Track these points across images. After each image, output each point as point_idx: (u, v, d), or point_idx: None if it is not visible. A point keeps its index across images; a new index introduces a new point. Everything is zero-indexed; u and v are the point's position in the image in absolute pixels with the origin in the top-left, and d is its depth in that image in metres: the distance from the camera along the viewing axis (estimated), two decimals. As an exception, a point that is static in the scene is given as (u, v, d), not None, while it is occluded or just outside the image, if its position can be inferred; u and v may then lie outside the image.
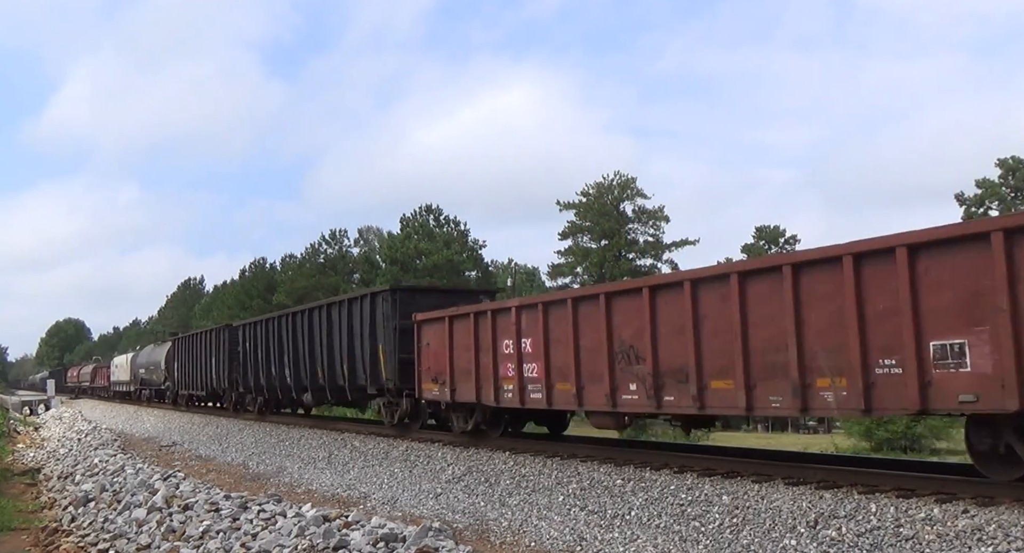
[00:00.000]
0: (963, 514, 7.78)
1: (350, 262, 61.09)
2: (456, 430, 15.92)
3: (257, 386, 25.92)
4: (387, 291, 17.89)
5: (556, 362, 12.67)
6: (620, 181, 57.38)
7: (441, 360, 15.45)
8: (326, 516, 10.79)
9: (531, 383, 13.25)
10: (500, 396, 13.93)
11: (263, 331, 25.31)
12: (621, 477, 11.38)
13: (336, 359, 19.90)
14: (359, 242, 64.53)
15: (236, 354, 27.75)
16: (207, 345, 30.81)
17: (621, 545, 9.29)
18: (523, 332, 13.39)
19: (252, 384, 26.33)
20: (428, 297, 18.02)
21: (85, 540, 11.86)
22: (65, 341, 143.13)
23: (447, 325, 15.26)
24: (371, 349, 18.01)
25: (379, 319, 17.86)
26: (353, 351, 19.01)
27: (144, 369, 44.18)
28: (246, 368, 26.71)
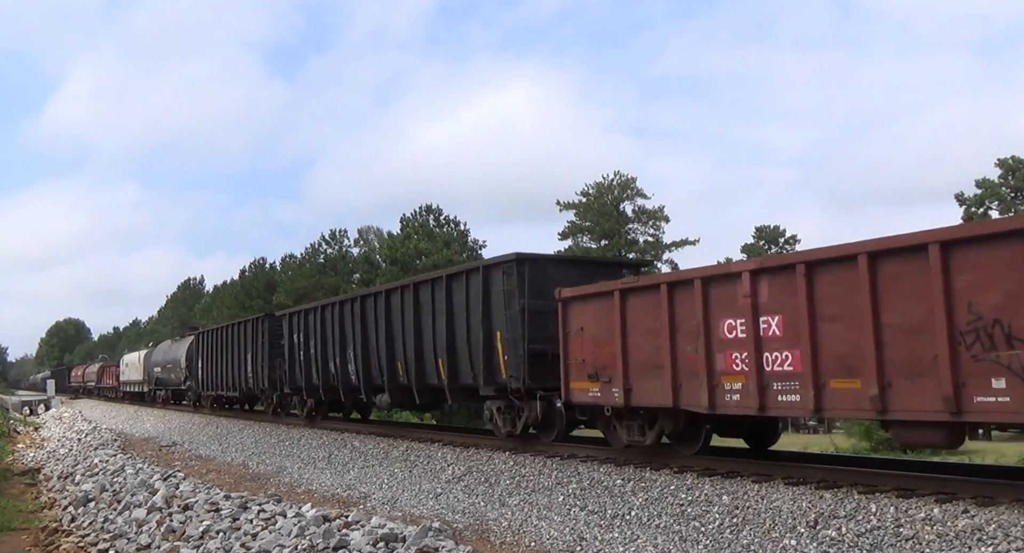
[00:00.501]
0: (963, 514, 7.78)
1: (350, 262, 61.06)
2: (622, 444, 12.30)
3: (309, 386, 22.07)
4: (510, 261, 13.97)
5: (831, 348, 9.07)
6: (620, 181, 57.38)
7: (605, 350, 11.95)
8: (326, 516, 10.79)
9: (779, 380, 9.62)
10: (717, 398, 10.34)
11: (318, 320, 21.41)
12: (621, 477, 11.38)
13: (427, 352, 16.29)
14: (359, 242, 64.52)
15: (279, 348, 24.11)
16: (240, 339, 27.30)
17: (621, 545, 9.29)
18: (764, 307, 9.82)
19: (302, 383, 22.43)
20: (563, 270, 14.17)
21: (85, 540, 11.86)
22: (65, 341, 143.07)
23: (616, 302, 11.71)
24: (484, 338, 14.46)
25: (496, 298, 14.25)
26: (455, 341, 15.46)
27: (160, 368, 40.51)
28: (293, 365, 22.88)
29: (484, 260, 16.12)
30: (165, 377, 39.62)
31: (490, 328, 14.37)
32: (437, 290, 16.03)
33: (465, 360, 15.15)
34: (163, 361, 40.19)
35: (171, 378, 38.39)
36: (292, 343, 22.95)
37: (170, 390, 39.40)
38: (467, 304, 15.02)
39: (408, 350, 16.93)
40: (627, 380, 11.61)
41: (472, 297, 14.92)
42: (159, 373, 40.69)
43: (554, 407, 13.53)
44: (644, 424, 11.86)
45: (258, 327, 25.76)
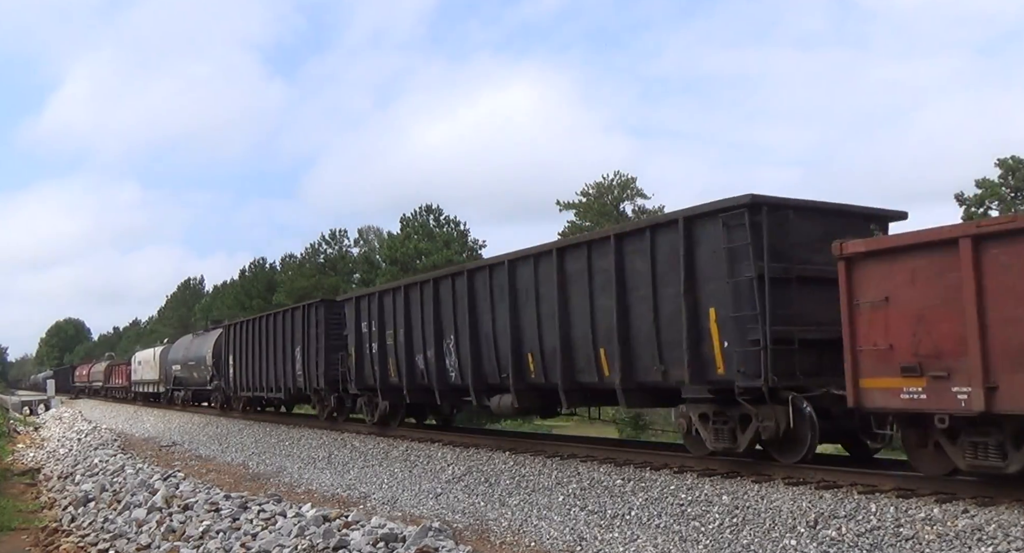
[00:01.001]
0: (963, 514, 7.78)
1: (350, 262, 61.03)
2: (966, 465, 8.48)
3: (385, 386, 18.21)
4: (738, 208, 10.23)
5: None
6: (620, 181, 57.37)
7: (938, 330, 8.31)
8: (326, 516, 10.79)
9: None
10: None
11: (399, 304, 17.41)
12: (621, 477, 11.38)
13: (579, 339, 12.62)
14: (359, 242, 64.48)
15: (339, 340, 20.55)
16: (285, 330, 23.48)
17: (621, 545, 9.29)
18: None
19: (375, 382, 18.48)
20: (805, 221, 10.54)
21: (85, 540, 11.87)
22: (65, 341, 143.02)
23: (966, 256, 8.06)
24: (687, 318, 10.74)
25: (708, 262, 10.66)
26: (628, 324, 11.70)
27: (180, 366, 36.28)
28: (362, 360, 19.01)
29: (686, 209, 11.12)
30: (186, 376, 35.57)
31: (695, 305, 10.74)
32: (598, 257, 12.26)
33: (648, 350, 11.46)
34: (184, 358, 35.75)
35: (193, 377, 34.35)
36: (360, 333, 19.00)
37: (191, 391, 35.34)
38: (653, 272, 11.28)
39: (546, 338, 13.24)
40: (989, 375, 7.88)
41: (662, 262, 11.20)
42: (178, 372, 36.67)
43: (803, 415, 9.97)
44: (1007, 441, 8.11)
45: (311, 315, 21.78)
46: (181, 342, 38.92)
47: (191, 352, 34.91)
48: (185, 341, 38.23)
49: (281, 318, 24.11)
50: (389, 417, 18.74)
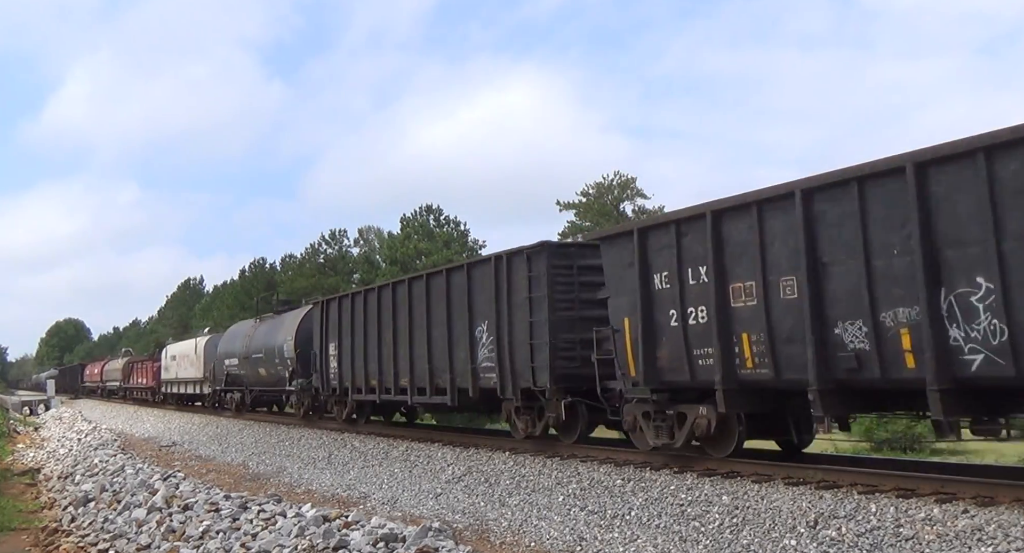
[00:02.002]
0: (963, 514, 7.78)
1: (350, 262, 61.04)
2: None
3: (731, 377, 10.22)
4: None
5: None
6: (620, 181, 57.36)
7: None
8: (326, 516, 10.79)
9: None
10: None
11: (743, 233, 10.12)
12: (621, 477, 11.38)
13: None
14: (359, 242, 64.48)
15: (566, 306, 13.40)
16: (456, 299, 15.57)
17: (621, 545, 9.29)
18: None
19: (688, 371, 10.75)
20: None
21: (85, 540, 11.86)
22: (65, 341, 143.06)
23: None
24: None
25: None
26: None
27: (237, 360, 28.54)
28: (654, 335, 11.19)
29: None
30: (246, 373, 27.81)
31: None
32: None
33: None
34: (245, 350, 27.59)
35: (259, 375, 26.63)
36: (636, 294, 11.31)
37: (255, 392, 27.76)
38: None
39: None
40: None
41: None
42: (233, 368, 29.09)
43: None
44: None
45: (504, 274, 14.11)
46: (238, 329, 30.99)
47: (257, 341, 26.95)
48: (244, 327, 29.95)
49: (444, 280, 15.89)
50: (709, 436, 10.94)
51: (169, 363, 39.32)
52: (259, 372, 26.78)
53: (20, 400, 57.30)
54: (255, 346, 27.15)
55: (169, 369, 39.12)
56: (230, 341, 30.38)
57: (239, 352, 28.66)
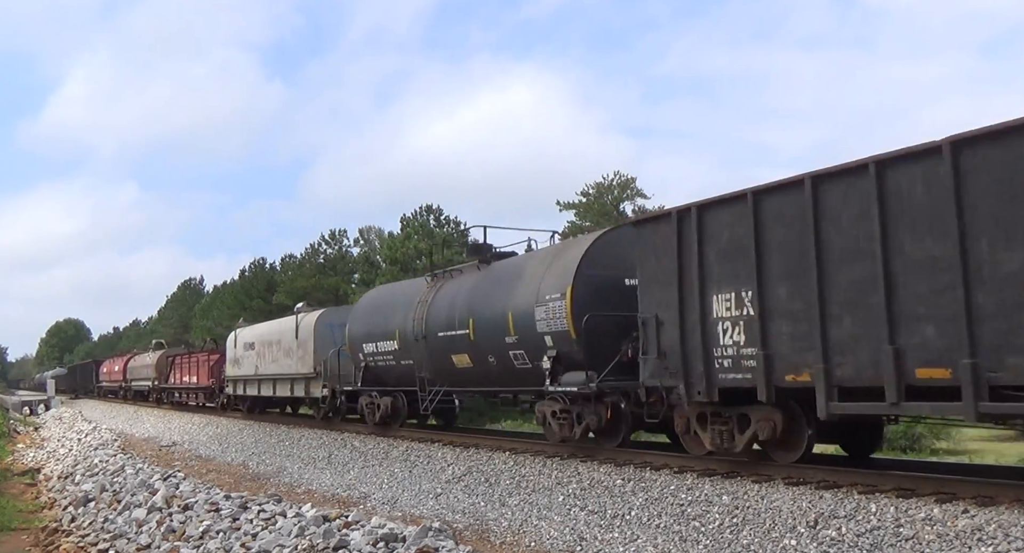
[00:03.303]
0: (963, 514, 7.78)
1: (350, 262, 61.03)
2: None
3: None
4: None
5: None
6: (620, 181, 57.37)
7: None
8: (326, 516, 10.80)
9: None
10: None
11: None
12: (621, 477, 11.38)
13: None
14: (359, 242, 64.47)
15: None
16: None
17: (621, 545, 9.29)
18: None
19: None
20: None
21: (85, 540, 11.86)
22: (65, 341, 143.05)
23: None
24: None
25: None
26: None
27: (400, 343, 17.85)
28: None
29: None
30: (425, 362, 17.01)
31: None
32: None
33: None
34: (416, 327, 17.04)
35: (459, 366, 15.97)
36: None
37: (448, 395, 17.20)
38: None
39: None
40: None
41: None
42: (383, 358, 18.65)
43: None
44: None
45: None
46: (391, 296, 19.67)
47: (450, 307, 16.12)
48: (404, 291, 18.94)
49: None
50: None
51: (241, 355, 27.63)
52: (453, 362, 15.91)
53: (20, 400, 57.28)
54: (445, 316, 16.02)
55: (241, 362, 27.62)
56: (373, 314, 19.29)
57: (401, 329, 17.58)
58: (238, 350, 28.33)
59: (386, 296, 20.29)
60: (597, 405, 12.62)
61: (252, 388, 27.20)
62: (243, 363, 27.69)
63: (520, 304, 13.96)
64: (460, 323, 15.55)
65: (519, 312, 13.91)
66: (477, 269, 16.39)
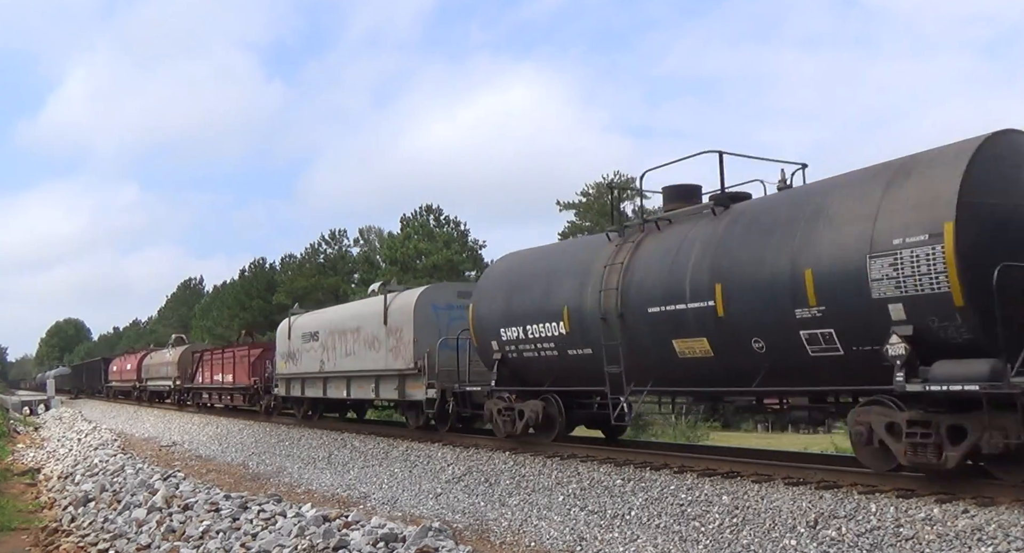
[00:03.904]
0: (963, 514, 7.78)
1: (350, 262, 61.09)
2: None
3: None
4: None
5: None
6: (620, 181, 57.36)
7: None
8: (326, 516, 10.80)
9: None
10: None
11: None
12: (621, 477, 11.38)
13: None
14: (359, 242, 64.54)
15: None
16: None
17: (621, 545, 9.29)
18: None
19: None
20: None
21: (85, 540, 11.86)
22: (65, 341, 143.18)
23: None
24: None
25: None
26: None
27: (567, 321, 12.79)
28: None
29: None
30: (611, 347, 11.97)
31: None
32: None
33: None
34: (612, 298, 11.90)
35: (655, 356, 11.45)
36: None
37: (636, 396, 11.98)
38: None
39: None
40: None
41: None
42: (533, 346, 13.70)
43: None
44: None
45: None
46: (552, 258, 14.36)
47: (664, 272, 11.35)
48: (581, 253, 13.55)
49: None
50: None
51: (299, 347, 22.87)
52: (674, 350, 11.17)
53: (20, 400, 57.27)
54: (662, 283, 11.36)
55: (297, 357, 22.96)
56: (517, 288, 14.32)
57: (574, 306, 12.82)
58: (294, 342, 23.21)
59: (538, 263, 14.47)
60: (1004, 416, 7.92)
61: (313, 388, 22.11)
62: (302, 358, 22.64)
63: (828, 257, 9.25)
64: (695, 292, 10.74)
65: (827, 269, 9.20)
66: (712, 215, 11.34)
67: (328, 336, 21.22)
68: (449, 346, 16.15)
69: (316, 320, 22.81)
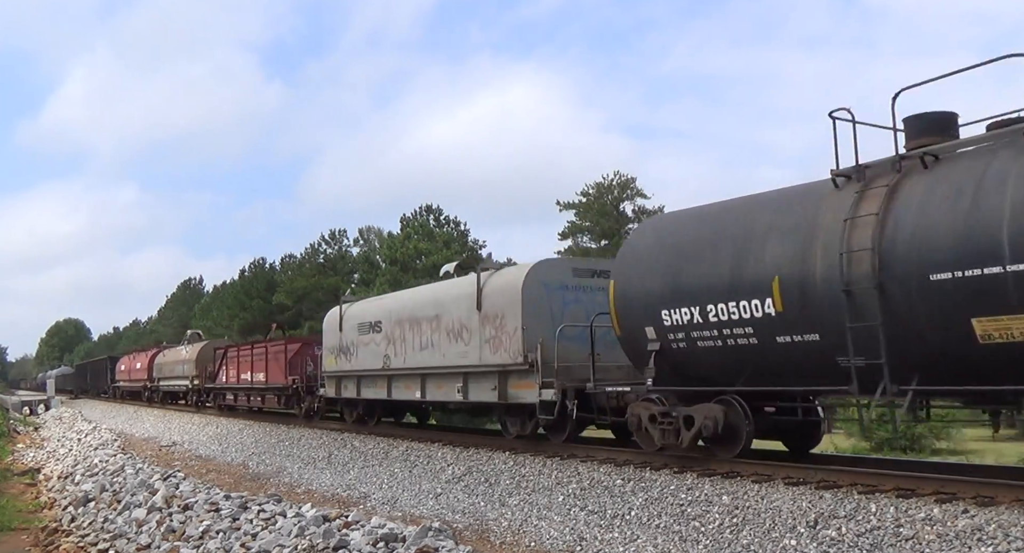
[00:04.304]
0: (963, 514, 7.78)
1: (350, 262, 61.07)
2: None
3: None
4: None
5: None
6: (620, 181, 57.39)
7: None
8: (326, 516, 10.80)
9: None
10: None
11: None
12: (621, 477, 11.38)
13: None
14: (359, 242, 64.51)
15: None
16: None
17: (621, 545, 9.29)
18: None
19: None
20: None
21: (85, 540, 11.86)
22: (65, 341, 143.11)
23: None
24: None
25: None
26: None
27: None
28: None
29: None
30: (859, 330, 8.90)
31: None
32: None
33: None
34: (864, 262, 8.87)
35: (936, 340, 8.45)
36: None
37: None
38: None
39: None
40: None
41: None
42: (717, 333, 10.55)
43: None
44: None
45: None
46: (738, 216, 10.81)
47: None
48: (784, 208, 10.24)
49: None
50: None
51: (351, 341, 19.82)
52: (973, 333, 8.19)
53: (20, 400, 57.25)
54: (951, 238, 8.34)
55: (351, 352, 19.82)
56: (688, 257, 11.22)
57: (789, 276, 9.79)
58: (347, 335, 19.98)
59: (717, 222, 11.18)
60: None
61: (373, 388, 19.04)
62: (358, 352, 19.45)
63: None
64: (1019, 248, 7.76)
65: None
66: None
67: (395, 326, 17.91)
68: (567, 336, 13.50)
69: (377, 308, 19.44)
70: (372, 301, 20.89)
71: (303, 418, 23.49)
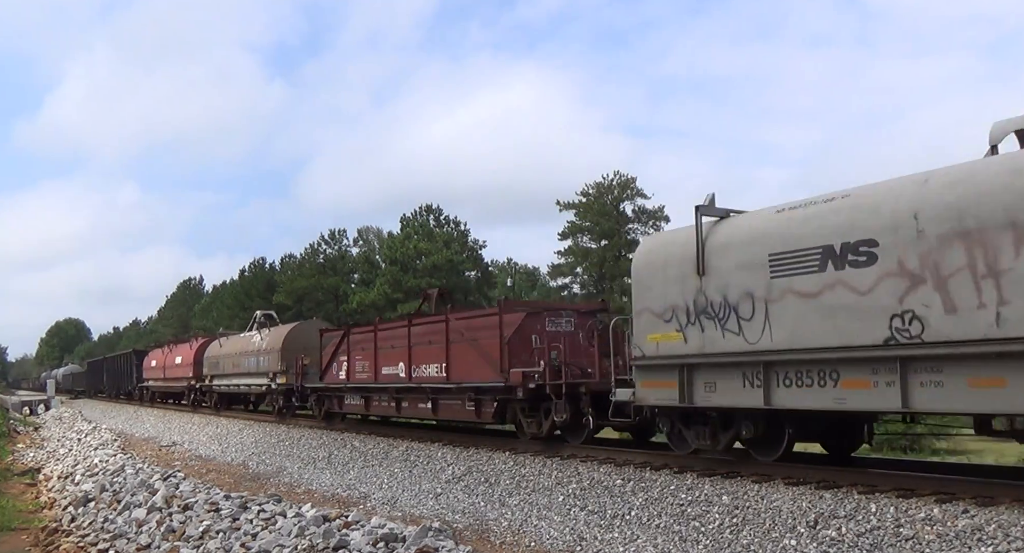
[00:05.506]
0: (963, 514, 7.78)
1: (350, 262, 61.07)
2: None
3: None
4: None
5: None
6: (620, 181, 57.40)
7: None
8: (326, 516, 10.79)
9: None
10: None
11: None
12: (621, 477, 11.38)
13: None
14: (359, 242, 64.53)
15: None
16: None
17: (621, 545, 9.28)
18: None
19: None
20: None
21: (85, 540, 11.86)
22: (65, 341, 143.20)
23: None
24: None
25: None
26: None
27: None
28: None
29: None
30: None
31: None
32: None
33: None
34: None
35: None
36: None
37: None
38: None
39: None
40: None
41: None
42: None
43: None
44: None
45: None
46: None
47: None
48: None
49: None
50: None
51: (728, 283, 10.61)
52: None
53: (20, 400, 57.25)
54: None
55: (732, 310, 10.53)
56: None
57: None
58: (724, 277, 10.81)
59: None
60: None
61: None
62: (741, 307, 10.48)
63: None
64: None
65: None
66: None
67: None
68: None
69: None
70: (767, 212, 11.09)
71: (542, 437, 14.66)
